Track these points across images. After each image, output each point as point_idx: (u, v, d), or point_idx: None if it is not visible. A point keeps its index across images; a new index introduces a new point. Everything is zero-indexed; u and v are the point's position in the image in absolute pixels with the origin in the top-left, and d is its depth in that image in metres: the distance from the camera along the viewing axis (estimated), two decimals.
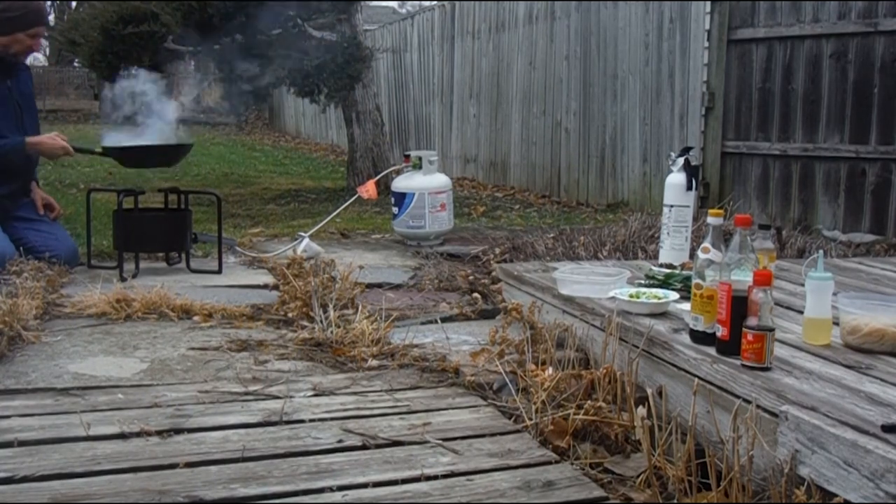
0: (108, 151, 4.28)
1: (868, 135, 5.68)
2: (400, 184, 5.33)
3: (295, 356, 2.88)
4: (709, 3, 6.57)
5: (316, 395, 2.46)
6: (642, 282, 3.03)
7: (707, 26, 6.58)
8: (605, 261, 4.05)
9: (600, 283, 2.94)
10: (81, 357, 2.82)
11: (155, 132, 4.31)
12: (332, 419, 2.26)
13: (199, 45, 7.40)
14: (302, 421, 2.25)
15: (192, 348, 2.96)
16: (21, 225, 4.23)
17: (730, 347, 2.16)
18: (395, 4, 31.85)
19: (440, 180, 5.33)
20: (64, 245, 4.25)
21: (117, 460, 1.97)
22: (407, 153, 5.52)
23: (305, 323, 3.23)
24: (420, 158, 5.35)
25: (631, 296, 2.72)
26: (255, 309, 3.50)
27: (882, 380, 2.05)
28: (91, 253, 4.32)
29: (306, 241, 4.72)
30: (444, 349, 2.88)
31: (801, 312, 2.46)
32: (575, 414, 2.21)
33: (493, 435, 2.18)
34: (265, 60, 7.30)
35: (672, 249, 3.46)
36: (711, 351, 2.22)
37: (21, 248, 4.09)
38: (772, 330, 2.08)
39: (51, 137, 4.23)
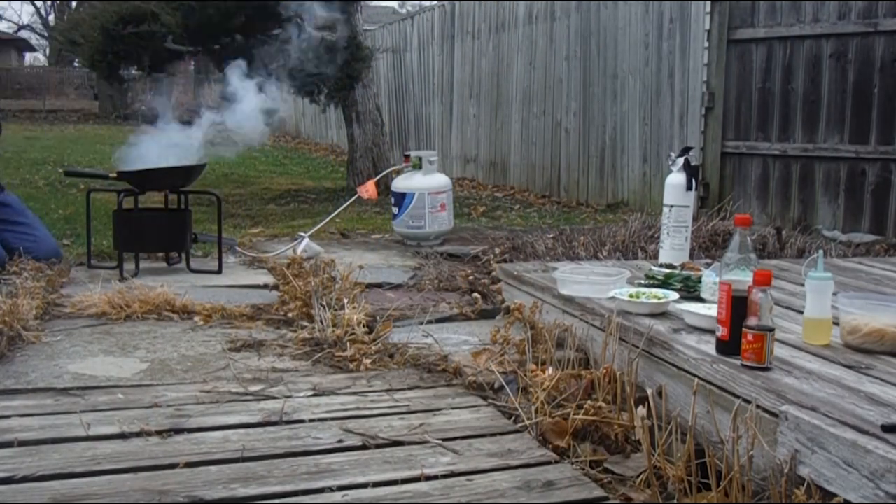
0: (124, 175, 4.26)
1: (868, 135, 5.68)
2: (400, 184, 5.33)
3: (295, 356, 2.88)
4: (709, 3, 6.57)
5: (316, 395, 2.46)
6: (642, 282, 3.03)
7: (707, 26, 6.59)
8: (605, 261, 4.05)
9: (600, 283, 2.94)
10: (81, 357, 2.82)
11: (168, 151, 4.33)
12: (332, 419, 2.26)
13: (199, 46, 7.40)
14: (302, 421, 2.25)
15: (192, 348, 2.96)
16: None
17: (730, 347, 2.16)
18: (395, 4, 31.87)
19: (440, 180, 5.33)
20: (44, 246, 4.24)
21: (117, 460, 1.97)
22: (407, 153, 5.52)
23: (305, 323, 3.23)
24: (420, 158, 5.35)
25: (631, 296, 2.72)
26: (255, 309, 3.50)
27: (882, 380, 2.05)
28: (91, 253, 4.31)
29: (306, 241, 4.72)
30: (444, 349, 2.88)
31: (801, 312, 2.46)
32: (575, 414, 2.21)
33: (493, 435, 2.18)
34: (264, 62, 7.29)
35: (672, 249, 3.46)
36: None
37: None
38: (772, 330, 2.08)
39: None
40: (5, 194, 4.42)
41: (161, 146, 4.31)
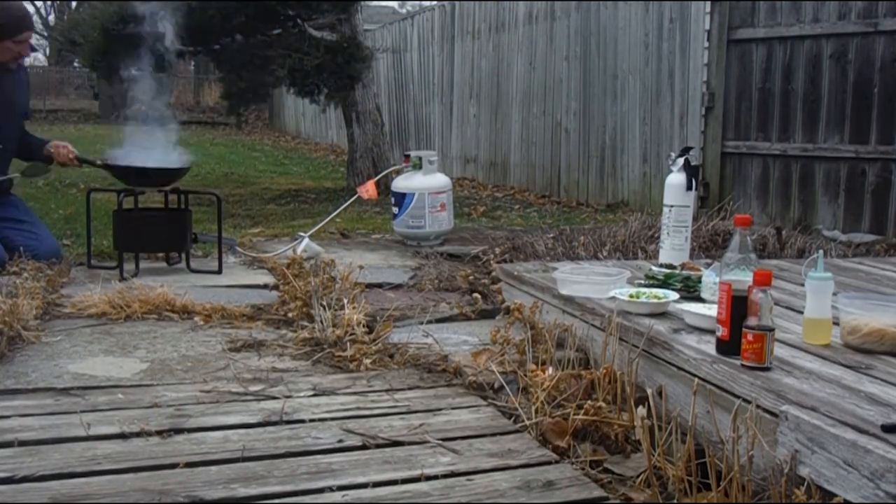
0: (108, 167, 4.32)
1: (868, 135, 5.68)
2: (400, 184, 5.33)
3: (295, 356, 2.88)
4: (709, 3, 6.57)
5: (316, 395, 2.46)
6: (642, 282, 3.03)
7: (707, 26, 6.59)
8: (605, 261, 4.05)
9: (600, 283, 2.94)
10: (81, 357, 2.82)
11: (157, 149, 4.35)
12: (332, 419, 2.26)
13: (199, 46, 7.40)
14: (302, 421, 2.25)
15: (192, 348, 2.96)
16: (2, 224, 4.25)
17: (730, 347, 2.16)
18: (395, 4, 31.84)
19: (440, 180, 5.33)
20: (45, 245, 4.29)
21: (117, 460, 1.97)
22: (407, 153, 5.51)
23: (305, 323, 3.23)
24: (420, 158, 5.35)
25: (631, 296, 2.72)
26: (255, 309, 3.50)
27: (882, 380, 2.05)
28: (91, 253, 4.31)
29: (306, 241, 4.72)
30: (444, 349, 2.88)
31: (801, 312, 2.46)
32: (575, 414, 2.21)
33: (493, 435, 2.18)
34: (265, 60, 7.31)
35: (672, 249, 3.46)
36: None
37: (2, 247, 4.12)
38: (772, 330, 2.08)
39: (65, 146, 4.39)
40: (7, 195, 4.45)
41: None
